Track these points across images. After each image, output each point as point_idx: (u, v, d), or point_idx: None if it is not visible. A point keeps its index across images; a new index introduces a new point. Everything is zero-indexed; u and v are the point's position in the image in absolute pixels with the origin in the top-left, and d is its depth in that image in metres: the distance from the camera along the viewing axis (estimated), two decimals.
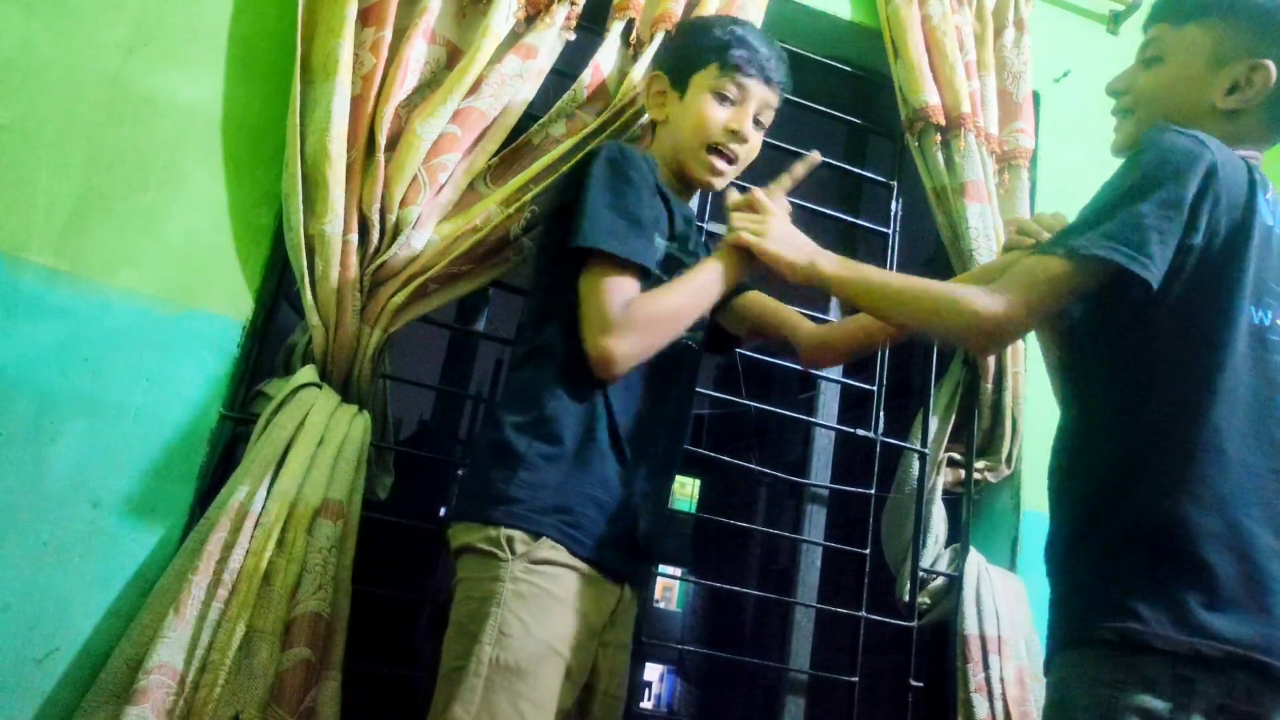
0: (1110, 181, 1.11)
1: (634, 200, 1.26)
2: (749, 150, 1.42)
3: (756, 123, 1.42)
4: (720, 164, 1.39)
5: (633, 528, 1.24)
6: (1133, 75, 1.23)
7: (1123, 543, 1.05)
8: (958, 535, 1.89)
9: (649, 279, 1.26)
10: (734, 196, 1.37)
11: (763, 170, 1.49)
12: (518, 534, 1.16)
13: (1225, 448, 1.04)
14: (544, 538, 1.16)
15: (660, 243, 1.33)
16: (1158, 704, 0.96)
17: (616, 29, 1.69)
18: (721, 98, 1.38)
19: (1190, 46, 1.17)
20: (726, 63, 1.38)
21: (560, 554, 1.16)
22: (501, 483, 1.19)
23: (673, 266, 1.34)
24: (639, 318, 1.22)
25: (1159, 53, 1.20)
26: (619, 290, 1.22)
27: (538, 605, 1.14)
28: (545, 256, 1.36)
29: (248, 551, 1.29)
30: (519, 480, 1.18)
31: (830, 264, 1.25)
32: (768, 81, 1.40)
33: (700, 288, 1.29)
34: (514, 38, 1.62)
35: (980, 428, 1.91)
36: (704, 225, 1.77)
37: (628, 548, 1.24)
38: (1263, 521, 1.03)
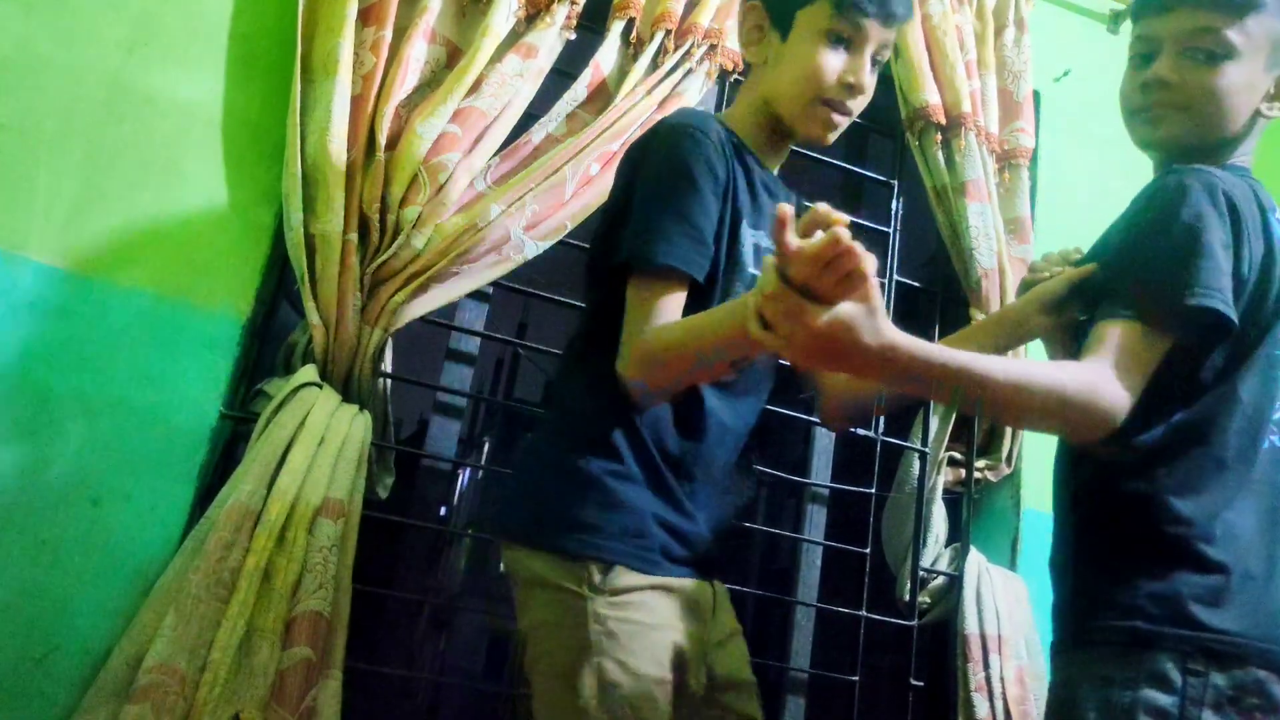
0: (1145, 228, 1.06)
1: (691, 197, 1.10)
2: (864, 101, 1.20)
3: (874, 64, 1.20)
4: (836, 117, 1.19)
5: (699, 531, 1.15)
6: (1180, 68, 1.12)
7: (1128, 543, 1.06)
8: (958, 534, 1.89)
9: (704, 287, 1.11)
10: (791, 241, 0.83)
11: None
12: (594, 565, 1.06)
13: (1225, 457, 1.06)
14: (618, 565, 1.06)
15: (749, 234, 1.17)
16: (1167, 700, 0.97)
17: (616, 29, 1.70)
18: (835, 40, 1.16)
19: (1251, 44, 1.10)
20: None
21: (638, 578, 1.07)
22: (573, 506, 1.09)
23: (760, 259, 1.17)
24: (646, 354, 1.07)
25: (1218, 47, 1.10)
26: (648, 311, 1.07)
27: (634, 641, 1.05)
28: (593, 262, 1.22)
29: (248, 550, 1.29)
30: (591, 502, 1.08)
31: (909, 341, 0.88)
32: (889, 18, 1.17)
33: (716, 341, 1.03)
34: (514, 37, 1.62)
35: (980, 427, 1.91)
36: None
37: (703, 550, 1.16)
38: (1257, 526, 1.05)
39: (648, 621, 1.07)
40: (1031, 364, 1.04)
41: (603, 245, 1.17)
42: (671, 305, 1.08)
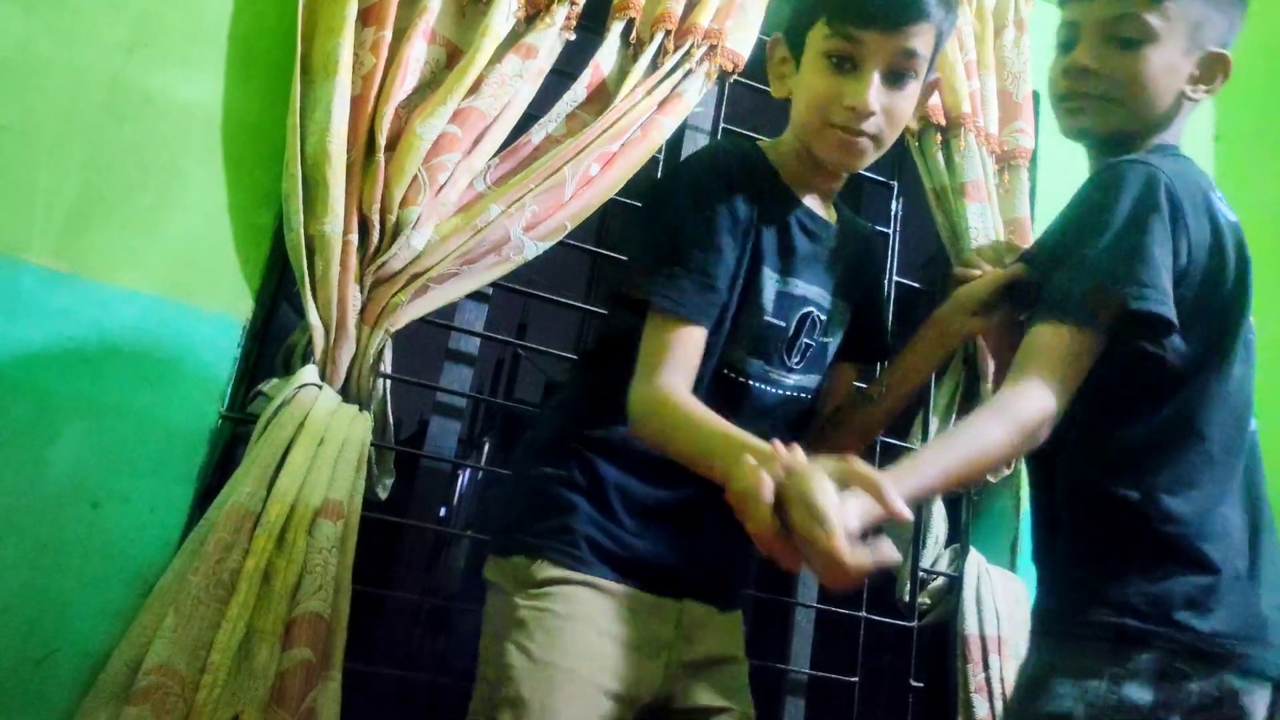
0: (1079, 228, 1.05)
1: (695, 232, 1.06)
2: (881, 124, 1.10)
3: (895, 77, 1.09)
4: (849, 139, 1.11)
5: (652, 549, 1.10)
6: (1101, 54, 1.12)
7: (1122, 541, 1.06)
8: (958, 535, 1.89)
9: (715, 328, 1.08)
10: None
11: None
12: (521, 559, 1.08)
13: (1214, 451, 1.06)
14: (541, 559, 1.06)
15: (771, 278, 1.12)
16: (1146, 696, 0.97)
17: (616, 29, 1.69)
18: (838, 61, 1.09)
19: (1171, 27, 1.10)
20: (833, 12, 1.07)
21: (560, 572, 1.06)
22: (514, 510, 1.14)
23: (785, 306, 1.13)
24: (642, 410, 1.04)
25: (1138, 33, 1.10)
26: (660, 350, 1.04)
27: (542, 628, 1.04)
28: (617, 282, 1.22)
29: (248, 552, 1.29)
30: (528, 504, 1.12)
31: (906, 481, 0.91)
32: (893, 25, 1.06)
33: (699, 460, 0.99)
34: (514, 37, 1.61)
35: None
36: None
37: (660, 568, 1.11)
38: (1242, 522, 1.05)
39: (560, 611, 1.05)
40: (977, 429, 0.99)
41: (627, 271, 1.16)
42: (686, 346, 1.05)
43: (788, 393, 1.17)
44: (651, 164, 1.72)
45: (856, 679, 1.80)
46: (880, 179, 2.07)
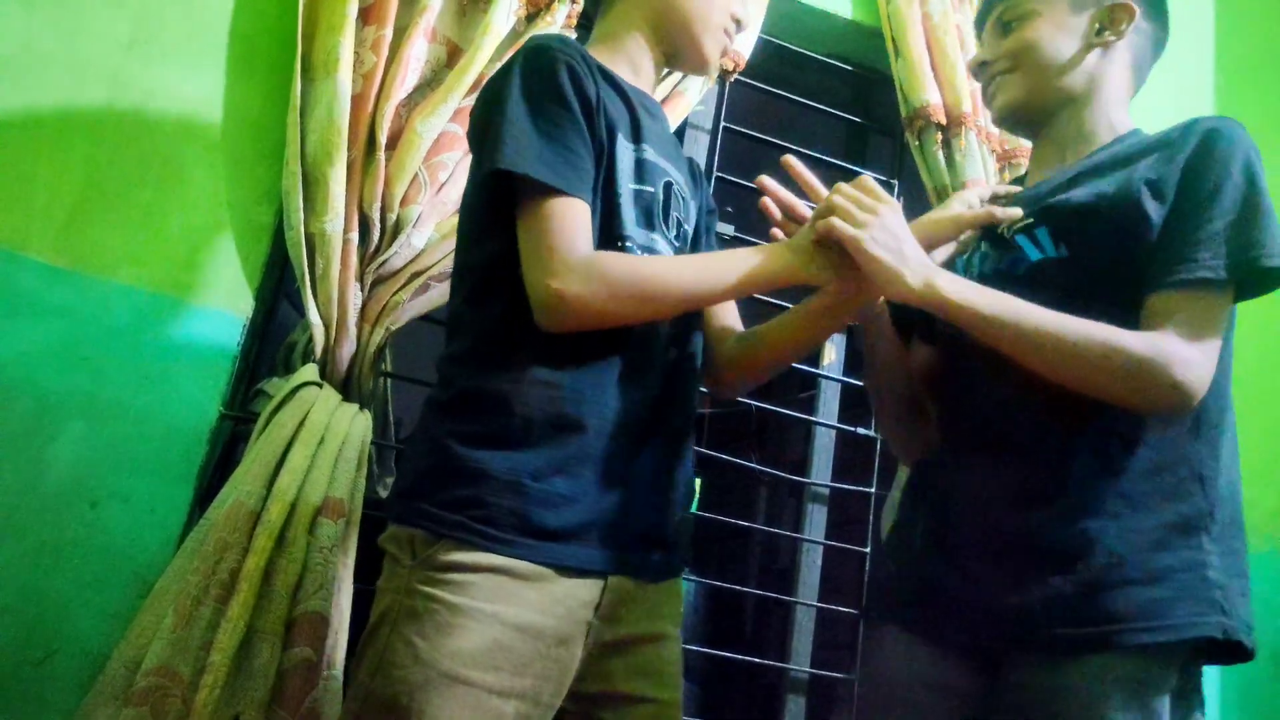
0: (1199, 186, 1.01)
1: (563, 117, 1.01)
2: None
3: None
4: (730, 42, 1.23)
5: (611, 511, 1.00)
6: (995, 45, 1.21)
7: (1167, 536, 0.99)
8: None
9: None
10: (795, 162, 1.15)
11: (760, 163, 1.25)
12: (420, 535, 0.95)
13: (1231, 422, 1.05)
14: (445, 539, 0.94)
15: (626, 147, 1.08)
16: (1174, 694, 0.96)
17: None
18: None
19: (1049, 2, 1.17)
20: None
21: (471, 555, 0.93)
22: (411, 474, 1.02)
23: (646, 173, 1.09)
24: (609, 271, 0.97)
25: (1014, 16, 1.18)
26: (568, 224, 0.97)
27: (433, 623, 0.91)
28: (466, 199, 1.12)
29: (248, 551, 1.28)
30: (431, 470, 0.98)
31: (954, 286, 1.01)
32: None
33: (719, 269, 1.02)
34: (515, 36, 1.61)
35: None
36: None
37: (603, 535, 1.00)
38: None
39: (462, 605, 0.92)
40: (1090, 323, 0.97)
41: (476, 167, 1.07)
42: (581, 217, 0.99)
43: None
44: None
45: (857, 678, 1.80)
46: (881, 178, 2.07)
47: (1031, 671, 0.98)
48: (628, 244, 1.05)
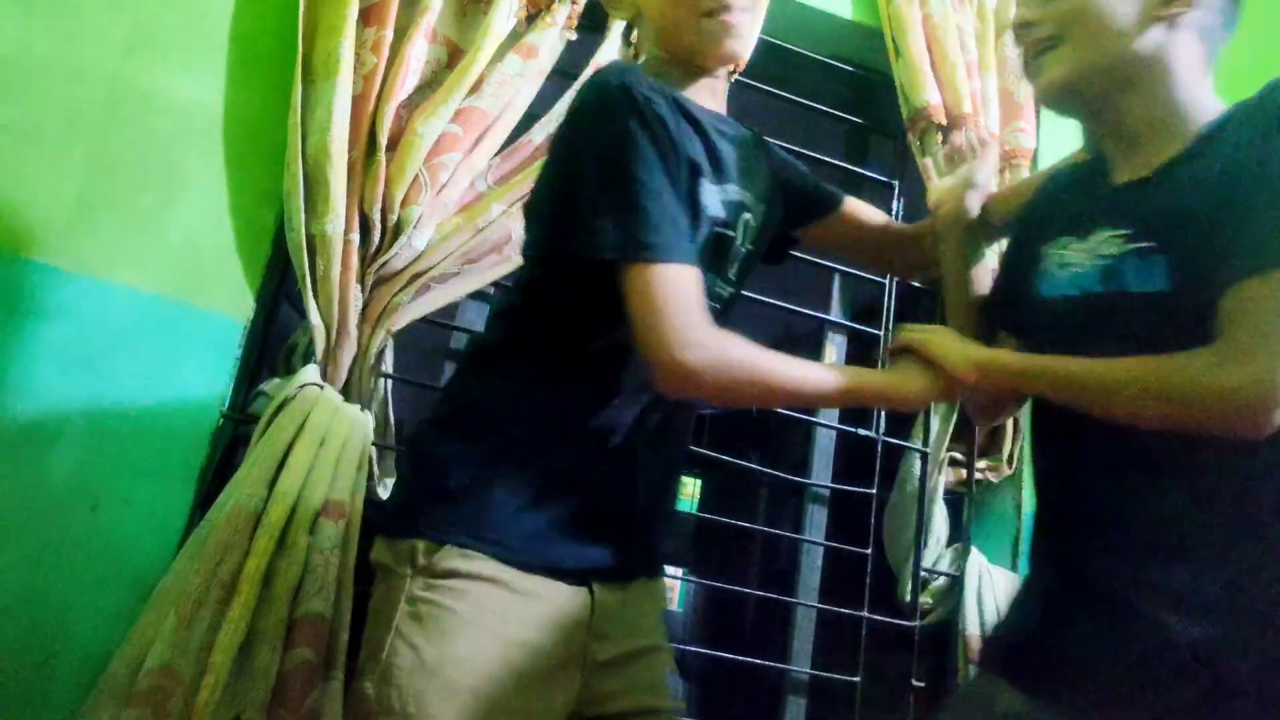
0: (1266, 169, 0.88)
1: (661, 176, 0.96)
2: None
3: None
4: (731, 22, 1.06)
5: (600, 519, 1.02)
6: (1041, 2, 1.01)
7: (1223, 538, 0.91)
8: (959, 535, 1.89)
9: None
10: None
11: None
12: (421, 544, 0.96)
13: None
14: (448, 545, 0.95)
15: (712, 191, 1.03)
16: None
17: (617, 28, 1.69)
18: None
19: None
20: None
21: (473, 564, 0.94)
22: (411, 492, 1.04)
23: (729, 214, 1.05)
24: (731, 357, 0.96)
25: None
26: (685, 293, 0.94)
27: (437, 629, 0.92)
28: (536, 253, 1.08)
29: (249, 553, 1.28)
30: (428, 486, 1.00)
31: (1014, 358, 1.03)
32: None
33: (826, 384, 1.02)
34: (515, 37, 1.61)
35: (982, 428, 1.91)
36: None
37: (594, 536, 1.01)
38: None
39: (464, 612, 0.93)
40: (1156, 361, 0.88)
41: (557, 228, 1.01)
42: (699, 289, 0.96)
43: (719, 306, 1.09)
44: None
45: (858, 679, 1.80)
46: (882, 178, 2.07)
47: None
48: None
